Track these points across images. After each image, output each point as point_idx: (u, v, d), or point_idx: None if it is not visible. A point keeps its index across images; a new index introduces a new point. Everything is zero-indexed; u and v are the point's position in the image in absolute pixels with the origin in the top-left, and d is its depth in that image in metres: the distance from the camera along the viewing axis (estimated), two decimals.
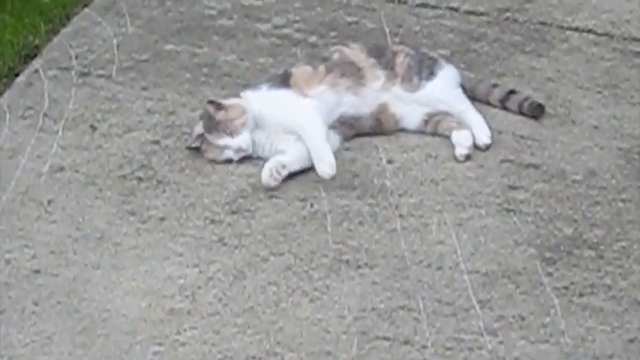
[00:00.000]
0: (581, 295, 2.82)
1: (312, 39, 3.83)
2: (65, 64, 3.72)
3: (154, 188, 3.17)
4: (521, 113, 3.47)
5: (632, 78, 3.66)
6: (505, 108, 3.49)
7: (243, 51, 3.80)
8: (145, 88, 3.60)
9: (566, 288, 2.84)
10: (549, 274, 2.88)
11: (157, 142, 3.35)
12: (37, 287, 2.85)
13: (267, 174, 3.12)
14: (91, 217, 3.07)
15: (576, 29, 3.92)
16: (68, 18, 4.00)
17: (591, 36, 3.89)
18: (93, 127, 3.42)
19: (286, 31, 3.91)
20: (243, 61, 3.74)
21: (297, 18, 3.99)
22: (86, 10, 4.03)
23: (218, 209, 3.09)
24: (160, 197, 3.14)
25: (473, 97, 3.50)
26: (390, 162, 3.27)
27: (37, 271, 2.90)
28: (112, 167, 3.26)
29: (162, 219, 3.06)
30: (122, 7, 4.03)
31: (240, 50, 3.80)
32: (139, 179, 3.21)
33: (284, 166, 3.15)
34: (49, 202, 3.13)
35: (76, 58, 3.75)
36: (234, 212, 3.08)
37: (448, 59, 3.65)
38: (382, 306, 2.79)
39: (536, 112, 3.46)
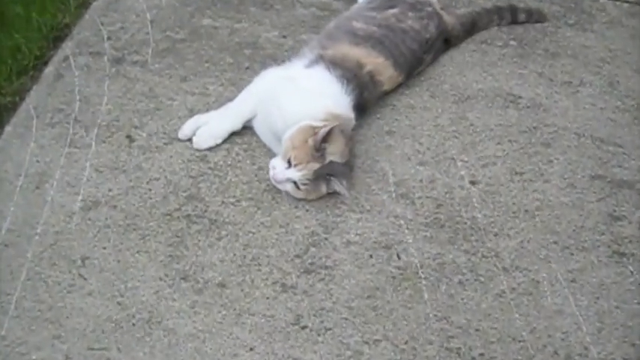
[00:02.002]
0: None
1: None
2: (97, 47, 1.84)
3: (206, 232, 1.44)
4: (527, 22, 1.94)
5: None
6: (516, 22, 1.93)
7: (283, 25, 1.94)
8: (184, 79, 1.79)
9: None
10: None
11: (203, 159, 1.59)
12: None
13: None
14: (135, 285, 1.36)
15: None
16: None
17: (625, 5, 2.11)
18: (130, 138, 1.64)
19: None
20: (286, 38, 1.91)
21: None
22: None
23: (288, 265, 1.39)
24: (216, 248, 1.41)
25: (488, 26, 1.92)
26: (473, 183, 1.56)
27: None
28: (156, 199, 1.50)
29: (221, 285, 1.35)
30: None
31: (280, 24, 1.94)
32: (188, 218, 1.46)
33: None
34: (84, 260, 1.39)
35: (109, 39, 1.87)
36: (308, 271, 1.39)
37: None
38: None
39: (541, 18, 1.95)
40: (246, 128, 1.64)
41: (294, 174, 1.42)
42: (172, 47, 1.88)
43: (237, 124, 1.61)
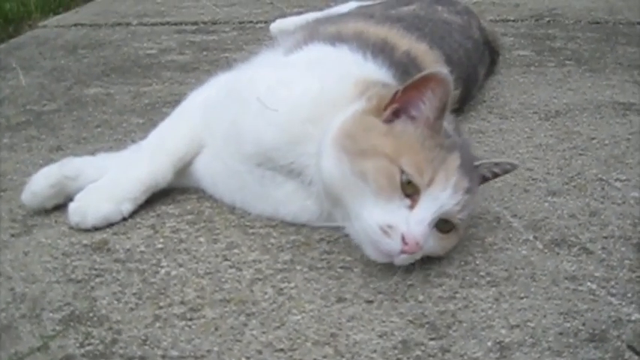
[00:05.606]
0: None
1: None
2: None
3: None
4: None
5: None
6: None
7: None
8: (57, 149, 0.95)
9: None
10: None
11: (101, 247, 0.69)
12: None
13: None
14: None
15: None
16: None
17: None
18: None
19: None
20: None
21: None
22: None
23: None
24: None
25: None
26: None
27: None
28: None
29: None
30: (10, 62, 1.37)
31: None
32: None
33: None
34: None
35: None
36: None
37: None
38: None
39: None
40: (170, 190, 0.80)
41: (445, 198, 0.63)
42: (36, 120, 1.09)
43: (163, 172, 0.77)
